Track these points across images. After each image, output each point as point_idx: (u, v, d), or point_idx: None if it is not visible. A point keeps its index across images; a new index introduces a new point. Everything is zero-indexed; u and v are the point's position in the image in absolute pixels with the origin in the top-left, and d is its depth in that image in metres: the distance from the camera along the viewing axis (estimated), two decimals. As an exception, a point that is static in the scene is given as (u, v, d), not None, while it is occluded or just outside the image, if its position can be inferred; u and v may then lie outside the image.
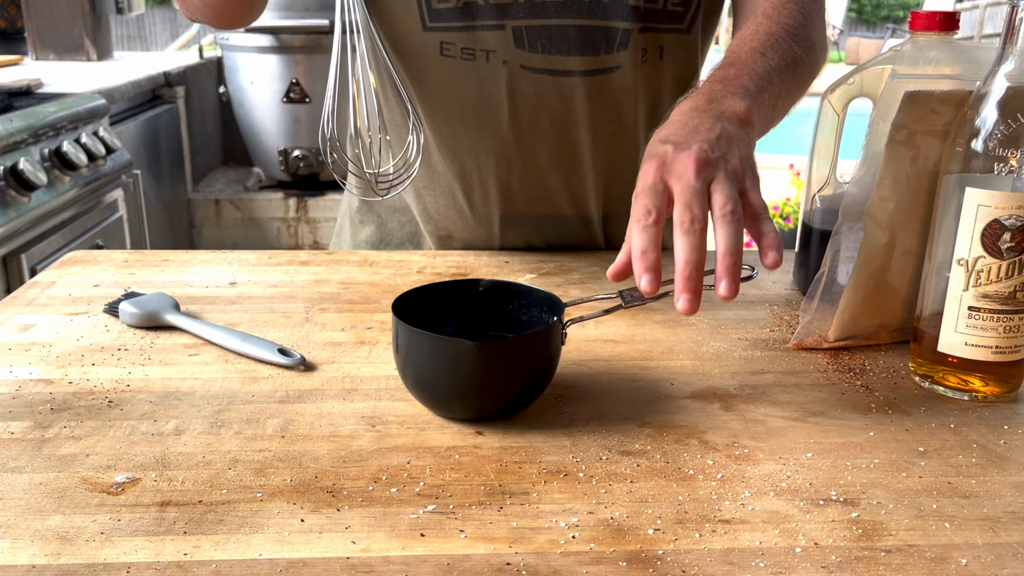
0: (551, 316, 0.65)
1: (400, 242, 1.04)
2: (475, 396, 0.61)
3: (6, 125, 1.75)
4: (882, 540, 0.49)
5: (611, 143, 0.93)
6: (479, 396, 0.61)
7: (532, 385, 0.62)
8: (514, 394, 0.61)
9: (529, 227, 0.98)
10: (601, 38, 0.86)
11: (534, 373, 0.62)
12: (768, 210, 0.60)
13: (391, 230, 1.04)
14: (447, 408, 0.62)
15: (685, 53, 0.92)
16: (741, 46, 0.75)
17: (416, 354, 0.60)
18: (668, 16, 0.88)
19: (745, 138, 0.63)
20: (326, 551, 0.47)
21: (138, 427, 0.60)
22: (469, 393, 0.60)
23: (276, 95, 3.12)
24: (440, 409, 0.62)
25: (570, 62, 0.86)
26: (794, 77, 0.76)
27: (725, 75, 0.69)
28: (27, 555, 0.46)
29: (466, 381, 0.60)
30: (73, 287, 0.85)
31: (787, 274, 0.93)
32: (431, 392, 0.62)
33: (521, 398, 0.62)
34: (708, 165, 0.58)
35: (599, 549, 0.48)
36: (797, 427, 0.62)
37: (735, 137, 0.61)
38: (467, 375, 0.59)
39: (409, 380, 0.62)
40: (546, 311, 0.66)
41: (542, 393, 0.64)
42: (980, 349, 0.64)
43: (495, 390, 0.60)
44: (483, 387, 0.60)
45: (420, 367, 0.61)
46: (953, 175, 0.64)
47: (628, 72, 0.89)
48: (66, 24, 2.95)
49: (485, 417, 0.61)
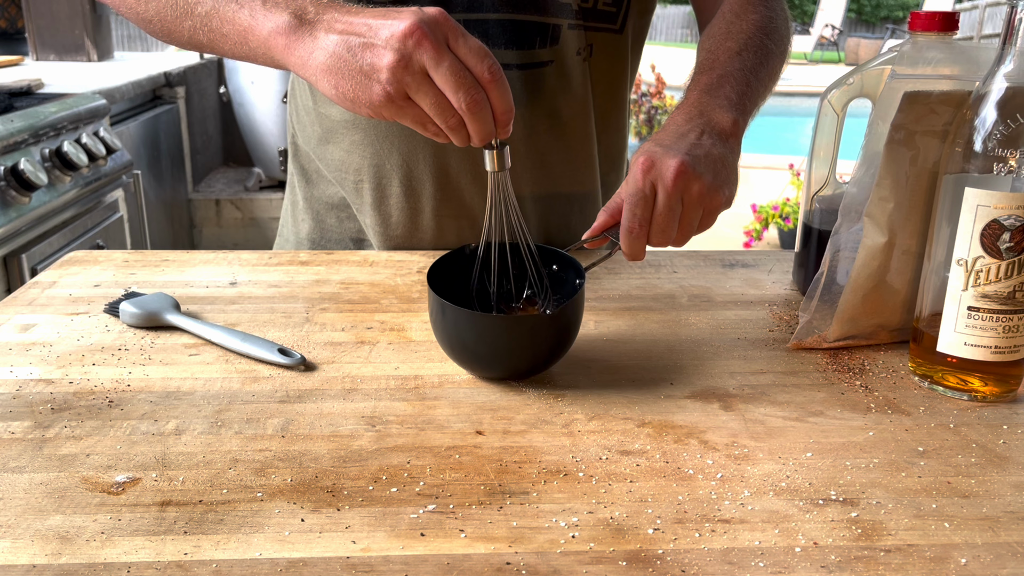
0: (567, 273, 0.72)
1: (340, 238, 1.03)
2: (520, 360, 0.67)
3: (7, 125, 1.75)
4: (881, 540, 0.50)
5: (545, 138, 0.94)
6: (522, 360, 0.67)
7: (567, 342, 0.69)
8: (552, 354, 0.68)
9: (463, 221, 0.97)
10: (535, 33, 0.89)
11: (572, 333, 0.69)
12: (689, 238, 0.70)
13: (330, 227, 1.03)
14: (489, 371, 0.68)
15: (616, 52, 0.96)
16: (717, 47, 0.82)
17: (458, 328, 0.66)
18: (600, 15, 0.92)
19: (729, 157, 0.71)
20: (326, 551, 0.47)
21: (138, 427, 0.60)
22: (515, 358, 0.67)
23: (276, 95, 3.13)
24: (481, 372, 0.69)
25: (506, 55, 0.89)
26: (768, 72, 0.82)
27: (709, 82, 0.77)
28: (27, 555, 0.46)
29: (519, 350, 0.67)
30: (73, 287, 0.85)
31: (787, 274, 0.93)
32: (481, 362, 0.68)
33: (557, 355, 0.69)
34: (687, 177, 0.67)
35: (599, 549, 0.48)
36: (796, 427, 0.62)
37: (719, 159, 0.70)
38: (520, 345, 0.66)
39: (455, 351, 0.68)
40: (557, 268, 0.73)
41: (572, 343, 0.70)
42: (979, 349, 0.64)
43: (536, 355, 0.67)
44: (525, 353, 0.67)
45: (467, 341, 0.67)
46: (952, 175, 0.64)
47: (561, 68, 0.91)
48: (66, 24, 2.95)
49: (524, 375, 0.68)
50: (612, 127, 1.01)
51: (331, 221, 1.03)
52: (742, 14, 0.86)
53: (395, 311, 0.81)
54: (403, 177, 0.94)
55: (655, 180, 0.67)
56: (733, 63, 0.79)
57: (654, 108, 5.79)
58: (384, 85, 0.60)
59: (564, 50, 0.91)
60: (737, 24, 0.84)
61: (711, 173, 0.68)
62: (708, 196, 0.68)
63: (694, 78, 0.79)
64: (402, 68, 0.59)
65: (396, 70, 0.59)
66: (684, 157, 0.67)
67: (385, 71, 0.60)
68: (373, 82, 0.60)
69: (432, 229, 0.97)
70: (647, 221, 0.67)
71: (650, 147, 0.69)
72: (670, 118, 0.75)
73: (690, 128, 0.71)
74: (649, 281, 0.91)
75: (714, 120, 0.72)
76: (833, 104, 0.81)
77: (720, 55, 0.80)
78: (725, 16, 0.86)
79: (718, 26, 0.85)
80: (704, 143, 0.70)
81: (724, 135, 0.72)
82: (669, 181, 0.66)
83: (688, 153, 0.68)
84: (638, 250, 0.68)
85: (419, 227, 0.97)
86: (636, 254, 0.69)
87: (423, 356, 0.72)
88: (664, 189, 0.66)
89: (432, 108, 0.61)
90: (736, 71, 0.78)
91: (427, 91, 0.60)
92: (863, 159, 0.73)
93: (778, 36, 0.85)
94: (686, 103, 0.75)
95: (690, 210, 0.68)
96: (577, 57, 0.92)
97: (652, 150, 0.68)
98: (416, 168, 0.93)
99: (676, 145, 0.69)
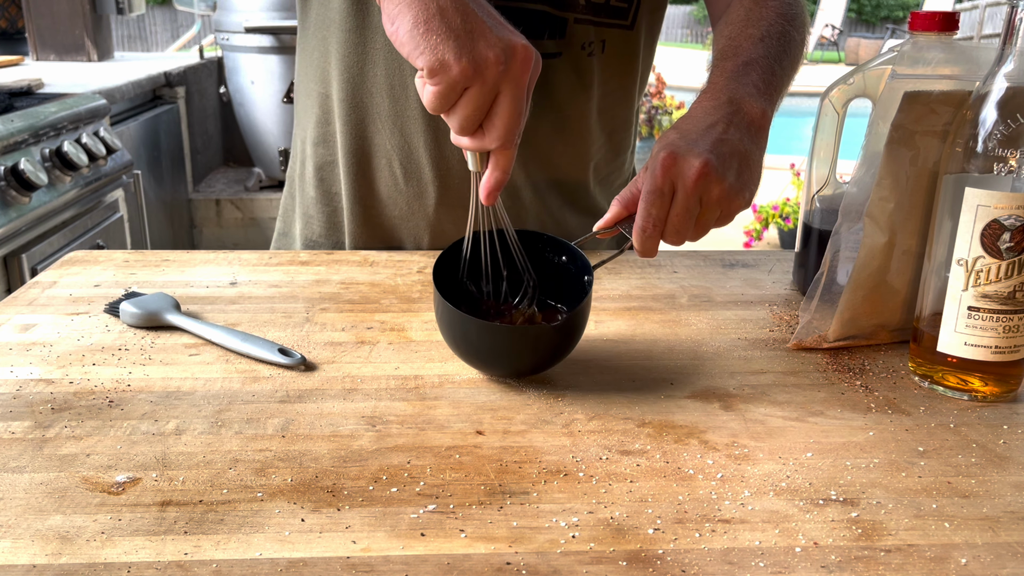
0: (574, 266, 0.71)
1: (323, 229, 1.02)
2: (522, 363, 0.67)
3: (7, 125, 1.75)
4: (882, 540, 0.50)
5: (551, 132, 0.94)
6: (525, 363, 0.67)
7: (572, 344, 0.68)
8: (556, 356, 0.68)
9: (460, 211, 0.96)
10: (543, 24, 0.88)
11: (578, 336, 0.68)
12: (707, 229, 0.68)
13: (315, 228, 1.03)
14: (499, 370, 0.68)
15: (628, 49, 0.95)
16: (738, 33, 0.79)
17: (465, 331, 0.66)
18: (611, 11, 0.91)
19: (755, 154, 0.69)
20: (326, 551, 0.47)
21: (138, 427, 0.60)
22: (518, 361, 0.67)
23: (276, 95, 3.12)
24: (490, 371, 0.69)
25: None
26: (791, 61, 0.80)
27: (734, 68, 0.74)
28: (27, 555, 0.46)
29: (531, 354, 0.66)
30: (74, 287, 0.85)
31: (787, 274, 0.93)
32: (485, 361, 0.68)
33: (562, 356, 0.68)
34: (709, 179, 0.65)
35: (599, 549, 0.48)
36: (797, 427, 0.62)
37: (744, 157, 0.67)
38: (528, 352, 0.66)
39: (459, 349, 0.68)
40: (563, 258, 0.72)
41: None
42: (979, 349, 0.64)
43: (540, 357, 0.67)
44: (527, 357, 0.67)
45: (470, 342, 0.67)
46: (952, 175, 0.64)
47: (568, 62, 0.91)
48: (66, 24, 2.95)
49: (526, 375, 0.68)
50: (619, 123, 1.01)
51: (317, 222, 1.03)
52: (761, 1, 0.84)
53: (395, 311, 0.81)
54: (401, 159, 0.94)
55: (675, 179, 0.65)
56: (757, 49, 0.76)
57: (654, 108, 5.79)
58: (463, 65, 0.56)
59: (571, 44, 0.90)
60: (757, 11, 0.82)
61: (734, 174, 0.66)
62: (728, 199, 0.66)
63: (717, 64, 0.77)
64: (496, 68, 0.57)
65: (488, 65, 0.57)
66: (708, 156, 0.65)
67: (478, 57, 0.57)
68: (460, 53, 0.57)
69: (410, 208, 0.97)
70: (662, 221, 0.66)
71: (674, 139, 0.67)
72: (696, 103, 0.72)
73: (718, 118, 0.69)
74: (649, 281, 0.91)
75: (743, 109, 0.70)
76: (834, 104, 0.81)
77: (743, 42, 0.78)
78: (744, 2, 0.85)
79: (737, 12, 0.83)
80: (731, 137, 0.68)
81: (752, 127, 0.69)
82: (690, 182, 0.64)
83: (713, 151, 0.65)
84: (650, 248, 0.67)
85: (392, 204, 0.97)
86: (648, 252, 0.67)
87: (423, 356, 0.72)
88: (684, 189, 0.64)
89: (468, 111, 0.59)
90: (761, 57, 0.75)
91: (478, 102, 0.58)
92: (863, 159, 0.73)
93: (798, 23, 0.83)
94: (712, 88, 0.73)
95: (708, 211, 0.66)
96: (583, 52, 0.91)
97: (676, 144, 0.66)
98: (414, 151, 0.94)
99: (702, 140, 0.66)
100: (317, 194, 1.01)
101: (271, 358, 0.69)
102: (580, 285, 0.70)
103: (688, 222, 0.66)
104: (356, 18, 0.91)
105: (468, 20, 0.57)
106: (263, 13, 3.03)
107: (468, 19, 0.57)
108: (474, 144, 0.61)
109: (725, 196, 0.66)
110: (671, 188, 0.65)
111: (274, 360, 0.69)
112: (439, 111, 0.59)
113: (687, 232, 0.66)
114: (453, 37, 0.57)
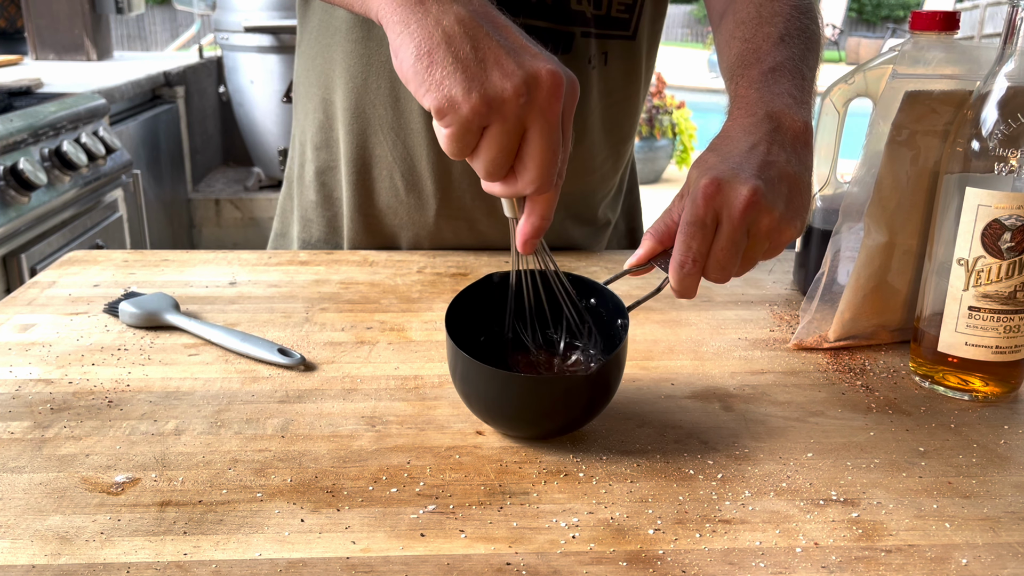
0: (605, 308, 0.62)
1: (322, 234, 1.03)
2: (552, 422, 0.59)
3: (6, 125, 1.75)
4: (882, 540, 0.49)
5: None
6: (555, 422, 0.59)
7: (609, 397, 0.60)
8: (590, 411, 0.59)
9: (460, 223, 0.97)
10: (548, 40, 0.87)
11: (614, 387, 0.60)
12: (754, 264, 0.60)
13: (314, 230, 1.03)
14: (524, 429, 0.60)
15: (630, 59, 0.94)
16: (754, 34, 0.72)
17: (488, 388, 0.57)
18: (614, 22, 0.90)
19: (804, 176, 0.61)
20: (326, 551, 0.47)
21: (138, 427, 0.60)
22: (548, 419, 0.58)
23: (276, 95, 3.12)
24: (515, 429, 0.60)
25: None
26: (816, 59, 0.73)
27: (761, 76, 0.66)
28: (27, 555, 0.46)
29: (567, 410, 0.57)
30: (73, 287, 0.85)
31: (787, 274, 0.93)
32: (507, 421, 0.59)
33: (597, 411, 0.60)
34: (758, 208, 0.57)
35: (599, 549, 0.48)
36: (797, 427, 0.62)
37: (794, 181, 0.60)
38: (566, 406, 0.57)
39: (476, 408, 0.59)
40: (592, 300, 0.64)
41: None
42: (980, 349, 0.64)
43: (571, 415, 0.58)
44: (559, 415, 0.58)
45: (491, 399, 0.58)
46: (953, 175, 0.64)
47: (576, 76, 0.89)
48: (66, 24, 2.95)
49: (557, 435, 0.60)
50: (623, 133, 1.00)
51: (317, 224, 1.03)
52: None
53: (395, 311, 0.81)
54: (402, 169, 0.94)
55: (720, 208, 0.57)
56: (780, 52, 0.69)
57: (655, 108, 5.79)
58: (473, 102, 0.48)
59: (576, 58, 0.89)
60: (769, 5, 0.74)
61: (784, 201, 0.58)
62: (779, 230, 0.58)
63: (739, 72, 0.69)
64: (516, 102, 0.48)
65: (506, 99, 0.48)
66: (757, 183, 0.57)
67: (491, 91, 0.48)
68: (470, 88, 0.48)
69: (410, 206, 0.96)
70: (704, 256, 0.57)
71: (715, 163, 0.59)
72: (730, 120, 0.64)
73: (759, 137, 0.61)
74: (649, 281, 0.90)
75: (784, 124, 0.62)
76: (834, 103, 0.81)
77: (762, 43, 0.70)
78: None
79: (746, 9, 0.75)
80: (777, 158, 0.60)
81: (797, 144, 0.62)
82: (737, 213, 0.56)
83: (760, 176, 0.57)
84: (689, 287, 0.59)
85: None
86: (687, 292, 0.59)
87: (423, 356, 0.72)
88: (730, 221, 0.56)
89: (491, 154, 0.50)
90: (787, 60, 0.68)
91: (502, 143, 0.50)
92: (864, 159, 0.73)
93: (813, 14, 0.76)
94: (744, 102, 0.65)
95: (756, 244, 0.58)
96: (588, 66, 0.91)
97: (718, 169, 0.58)
98: (416, 161, 0.93)
99: (746, 163, 0.59)
100: (318, 198, 1.01)
101: (270, 358, 0.69)
102: (613, 329, 0.63)
103: (734, 257, 0.58)
104: (361, 29, 0.90)
105: (479, 47, 0.49)
106: (262, 12, 3.03)
107: (480, 46, 0.49)
108: (507, 191, 0.52)
109: (776, 227, 0.58)
110: (714, 219, 0.57)
111: (273, 360, 0.69)
112: (459, 156, 0.51)
113: (732, 268, 0.58)
114: (461, 69, 0.48)
